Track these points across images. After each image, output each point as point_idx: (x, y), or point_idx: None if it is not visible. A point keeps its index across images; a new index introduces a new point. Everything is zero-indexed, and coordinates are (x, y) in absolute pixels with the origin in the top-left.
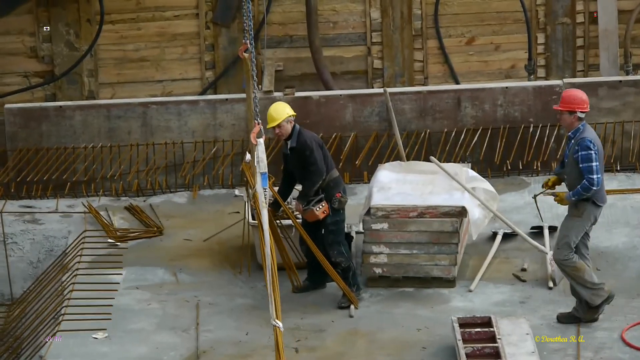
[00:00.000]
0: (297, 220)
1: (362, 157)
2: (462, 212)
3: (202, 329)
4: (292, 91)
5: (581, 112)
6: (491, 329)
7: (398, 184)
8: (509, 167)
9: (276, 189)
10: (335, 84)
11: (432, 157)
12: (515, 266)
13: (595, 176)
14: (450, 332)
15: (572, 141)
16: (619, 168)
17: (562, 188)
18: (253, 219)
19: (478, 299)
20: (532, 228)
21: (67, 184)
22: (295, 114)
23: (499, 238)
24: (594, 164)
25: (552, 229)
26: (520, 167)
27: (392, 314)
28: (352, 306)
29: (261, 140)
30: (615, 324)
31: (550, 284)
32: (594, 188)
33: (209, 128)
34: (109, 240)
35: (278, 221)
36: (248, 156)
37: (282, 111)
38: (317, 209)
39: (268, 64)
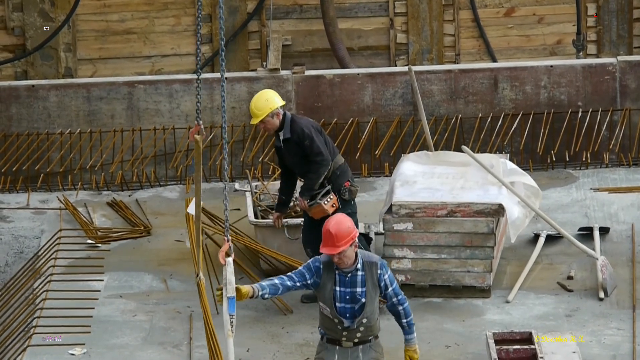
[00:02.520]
0: (283, 222)
1: (383, 146)
2: (498, 211)
3: (196, 344)
4: (302, 69)
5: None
6: (532, 347)
7: (424, 178)
8: (554, 159)
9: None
10: (352, 61)
11: (464, 147)
12: (561, 273)
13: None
14: (484, 350)
15: (362, 272)
16: None
17: None
18: (255, 216)
19: (517, 312)
20: (580, 229)
21: (40, 175)
22: (284, 103)
23: (541, 241)
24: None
25: (603, 231)
26: (567, 159)
27: (416, 329)
28: None
29: (230, 260)
30: None
31: (602, 295)
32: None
33: (205, 111)
34: (88, 241)
35: (285, 220)
36: (192, 207)
37: (263, 106)
38: (325, 202)
39: (274, 37)
